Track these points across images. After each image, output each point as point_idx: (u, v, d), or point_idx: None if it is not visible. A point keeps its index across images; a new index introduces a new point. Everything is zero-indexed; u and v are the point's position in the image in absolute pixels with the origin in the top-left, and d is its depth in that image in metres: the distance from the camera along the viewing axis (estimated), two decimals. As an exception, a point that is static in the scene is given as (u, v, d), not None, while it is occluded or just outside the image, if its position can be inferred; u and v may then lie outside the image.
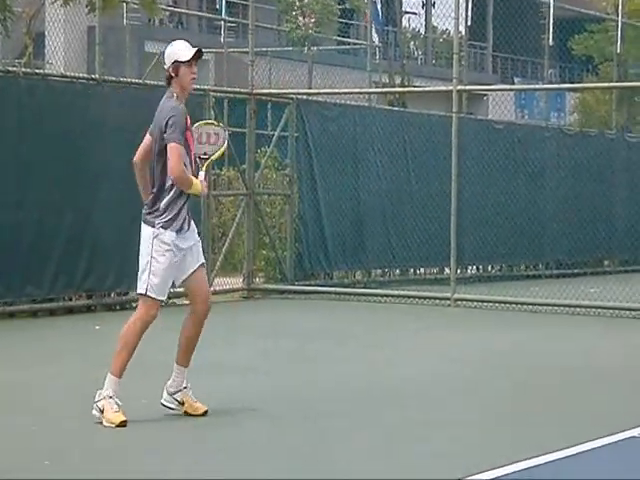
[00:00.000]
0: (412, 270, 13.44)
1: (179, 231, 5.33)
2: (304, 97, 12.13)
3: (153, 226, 5.32)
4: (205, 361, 7.25)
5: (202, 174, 5.51)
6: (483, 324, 9.75)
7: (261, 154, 11.86)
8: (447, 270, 11.92)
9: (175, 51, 5.39)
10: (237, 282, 11.27)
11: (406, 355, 7.81)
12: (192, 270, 5.37)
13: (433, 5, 29.79)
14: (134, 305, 10.20)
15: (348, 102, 12.95)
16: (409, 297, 11.13)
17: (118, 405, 5.25)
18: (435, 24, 30.06)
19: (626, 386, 6.65)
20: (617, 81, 16.32)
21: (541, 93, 19.84)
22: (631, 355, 7.99)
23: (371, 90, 14.20)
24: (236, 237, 11.55)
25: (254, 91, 11.47)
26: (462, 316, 10.25)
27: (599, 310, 10.22)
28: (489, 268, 14.23)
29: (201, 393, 6.14)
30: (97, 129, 9.59)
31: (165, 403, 5.44)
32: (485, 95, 23.40)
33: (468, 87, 13.04)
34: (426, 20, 30.38)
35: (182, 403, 5.40)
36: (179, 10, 22.67)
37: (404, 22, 28.63)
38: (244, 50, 13.75)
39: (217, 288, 10.87)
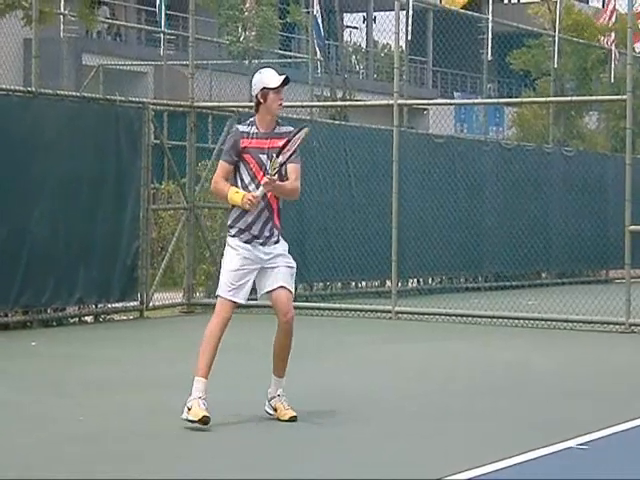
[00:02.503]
0: (354, 283, 13.47)
1: (249, 242, 5.59)
2: (245, 110, 12.10)
3: (227, 237, 5.73)
4: (145, 376, 7.18)
5: (260, 190, 5.58)
6: (423, 336, 9.82)
7: (202, 167, 11.79)
8: (388, 283, 11.97)
9: (263, 78, 5.60)
10: (177, 297, 11.16)
11: (348, 368, 7.81)
12: (271, 288, 5.63)
13: (374, 20, 30.05)
14: (71, 321, 10.09)
15: (290, 115, 12.96)
16: (351, 310, 11.15)
17: (205, 405, 5.48)
18: (376, 39, 30.32)
19: (563, 397, 6.72)
20: (554, 96, 16.61)
21: (480, 107, 20.14)
22: (568, 366, 8.10)
23: (313, 104, 14.24)
24: (176, 252, 11.46)
25: (194, 104, 11.41)
26: (403, 328, 10.31)
27: (536, 322, 10.36)
28: (429, 281, 14.33)
29: (142, 408, 6.06)
30: (33, 142, 9.44)
31: (265, 409, 5.74)
32: (425, 109, 23.61)
33: (409, 101, 13.16)
34: (367, 35, 30.61)
35: (275, 409, 5.68)
36: (117, 22, 22.47)
37: (345, 36, 28.81)
38: (184, 63, 13.69)
39: (157, 303, 10.76)
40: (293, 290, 5.69)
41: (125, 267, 10.27)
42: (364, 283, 13.52)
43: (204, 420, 5.39)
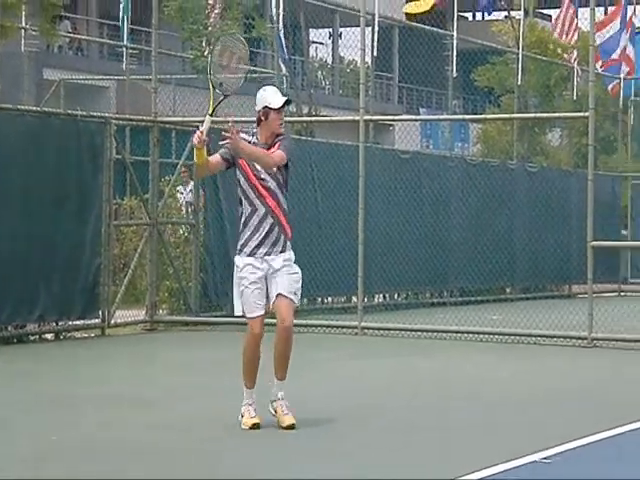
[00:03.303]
0: (320, 299, 13.42)
1: (252, 255, 5.79)
2: (211, 125, 12.01)
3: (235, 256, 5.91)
4: (104, 393, 7.07)
5: (206, 123, 5.70)
6: (389, 352, 9.80)
7: (165, 183, 11.70)
8: (354, 299, 11.95)
9: (266, 96, 5.81)
10: (139, 314, 11.04)
11: (315, 384, 7.77)
12: (273, 298, 5.85)
13: (340, 36, 30.15)
14: (32, 338, 9.94)
15: (255, 130, 12.91)
16: (316, 326, 11.10)
17: (255, 411, 5.82)
18: (342, 54, 30.42)
19: (527, 411, 6.73)
20: (518, 112, 16.73)
21: (445, 124, 20.27)
22: (531, 381, 8.12)
23: (277, 119, 14.15)
24: (138, 268, 11.34)
25: (157, 119, 11.32)
26: (369, 344, 10.29)
27: (501, 336, 10.39)
28: (395, 296, 14.33)
29: (96, 426, 5.97)
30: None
31: (269, 409, 5.94)
32: (391, 125, 23.70)
33: (375, 117, 13.17)
34: (333, 50, 30.71)
35: (275, 411, 5.87)
36: (79, 36, 22.30)
37: (311, 52, 28.89)
38: (147, 77, 13.60)
39: (118, 321, 10.64)
40: (297, 297, 5.92)
41: (86, 284, 10.14)
42: (330, 299, 13.48)
43: (254, 427, 5.74)
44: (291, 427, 5.74)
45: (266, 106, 5.77)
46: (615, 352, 9.72)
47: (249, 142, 5.77)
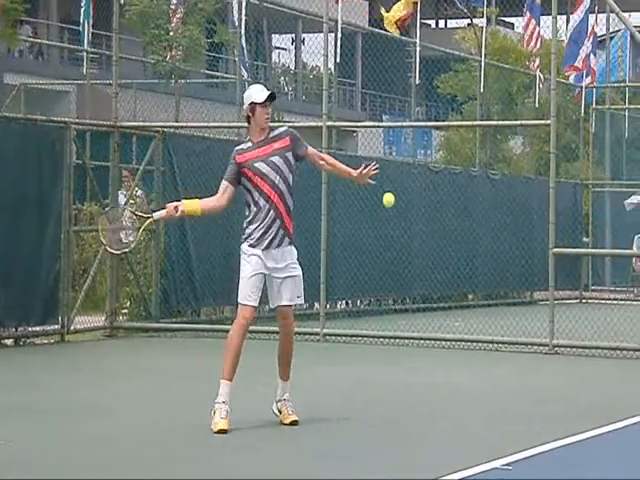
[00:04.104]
0: (282, 305, 13.35)
1: (256, 246, 6.08)
2: (171, 130, 11.94)
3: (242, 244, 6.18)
4: (63, 402, 6.97)
5: (158, 215, 6.22)
6: (351, 358, 9.79)
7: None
8: (317, 305, 11.91)
9: (251, 94, 6.19)
10: (99, 320, 10.92)
11: (274, 391, 7.68)
12: (276, 304, 6.20)
13: (303, 42, 30.16)
14: (1, 342, 9.81)
15: (217, 136, 12.84)
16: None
17: (226, 412, 5.85)
18: (305, 60, 30.45)
19: (488, 418, 6.74)
20: (480, 119, 16.83)
21: (408, 130, 20.32)
22: (493, 387, 8.14)
23: (240, 124, 14.11)
24: (98, 274, 11.21)
25: (118, 124, 11.21)
26: (331, 351, 10.27)
27: (463, 343, 10.41)
28: (358, 303, 14.32)
29: (56, 436, 5.87)
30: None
31: (272, 408, 6.21)
32: (354, 131, 23.73)
33: (337, 123, 13.17)
34: (296, 56, 30.71)
35: (280, 412, 6.16)
36: (39, 41, 22.09)
37: (274, 57, 28.87)
38: (108, 82, 13.48)
39: (78, 327, 10.51)
40: (301, 298, 6.25)
41: (46, 290, 10.02)
42: (292, 305, 13.41)
43: (220, 432, 5.77)
44: (294, 423, 6.04)
45: (252, 102, 6.10)
46: (576, 359, 9.79)
47: (243, 149, 6.13)
